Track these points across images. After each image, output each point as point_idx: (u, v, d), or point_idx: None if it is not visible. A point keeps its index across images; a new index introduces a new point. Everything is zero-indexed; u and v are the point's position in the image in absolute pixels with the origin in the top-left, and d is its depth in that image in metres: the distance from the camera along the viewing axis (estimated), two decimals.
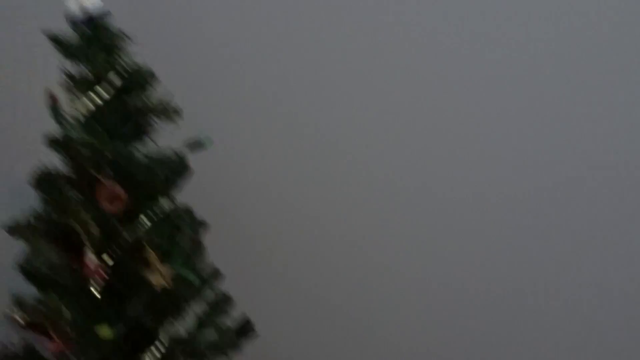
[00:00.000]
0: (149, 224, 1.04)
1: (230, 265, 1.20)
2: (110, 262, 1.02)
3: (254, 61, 1.38)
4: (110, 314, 1.00)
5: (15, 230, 1.06)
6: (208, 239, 1.15)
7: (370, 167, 1.38)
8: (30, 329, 1.07)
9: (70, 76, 1.02)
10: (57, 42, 1.00)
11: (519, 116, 1.30)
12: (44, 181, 1.08)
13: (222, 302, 1.16)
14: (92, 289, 1.01)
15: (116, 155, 1.01)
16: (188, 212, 1.10)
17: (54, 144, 1.04)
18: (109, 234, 1.03)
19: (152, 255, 1.01)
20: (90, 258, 1.01)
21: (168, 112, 1.04)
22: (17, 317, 1.04)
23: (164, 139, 1.08)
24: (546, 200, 1.31)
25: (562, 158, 1.29)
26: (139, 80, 1.01)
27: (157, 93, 1.05)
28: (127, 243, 1.03)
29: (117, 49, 1.01)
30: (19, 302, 1.06)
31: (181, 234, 1.07)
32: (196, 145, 1.07)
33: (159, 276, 1.01)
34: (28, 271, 1.03)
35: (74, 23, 0.99)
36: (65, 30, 1.00)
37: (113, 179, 1.02)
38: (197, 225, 1.12)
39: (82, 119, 1.00)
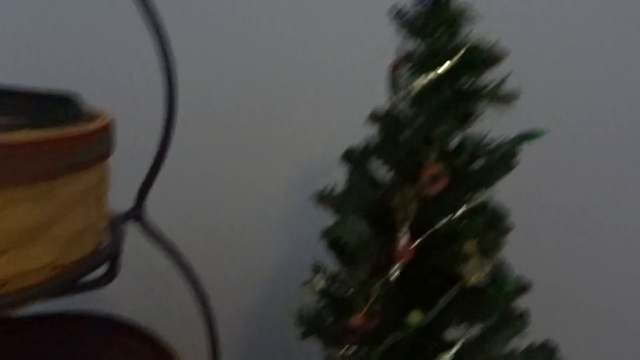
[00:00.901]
0: (465, 214, 0.96)
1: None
2: (422, 249, 0.96)
3: None
4: (419, 302, 0.94)
5: (324, 199, 1.07)
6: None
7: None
8: (326, 299, 1.08)
9: (408, 52, 0.98)
10: (402, 17, 0.97)
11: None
12: (358, 155, 1.08)
13: (519, 319, 1.02)
14: (399, 272, 0.96)
15: (444, 136, 0.94)
16: (499, 209, 0.99)
17: (378, 118, 1.03)
18: (425, 218, 0.97)
19: (472, 248, 0.93)
20: (402, 240, 0.96)
21: (504, 97, 0.94)
22: (316, 284, 1.05)
23: (490, 125, 0.98)
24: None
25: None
26: (480, 59, 0.92)
27: (495, 75, 0.95)
28: (444, 231, 0.96)
29: (459, 24, 0.94)
30: (320, 269, 1.07)
31: (498, 231, 0.96)
32: (528, 137, 0.96)
33: (473, 272, 0.92)
34: (334, 242, 1.01)
35: None
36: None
37: (436, 160, 0.95)
38: (506, 224, 1.00)
39: (413, 95, 0.95)
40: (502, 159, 0.96)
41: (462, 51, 0.92)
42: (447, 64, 0.93)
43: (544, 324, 1.08)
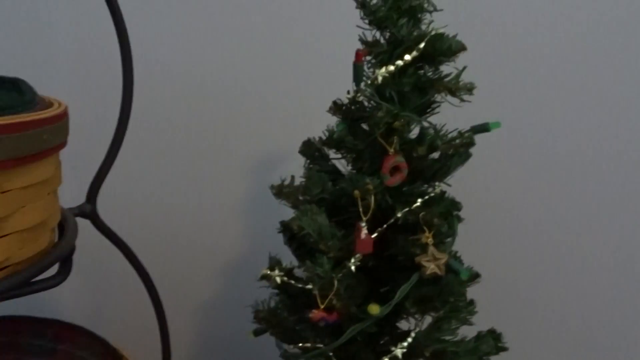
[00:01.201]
0: (423, 205, 0.97)
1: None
2: (381, 241, 0.96)
3: None
4: (376, 293, 0.94)
5: (282, 191, 1.05)
6: None
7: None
8: (285, 292, 1.06)
9: (369, 42, 0.97)
10: (364, 6, 0.95)
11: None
12: (317, 146, 1.07)
13: (467, 307, 1.05)
14: (359, 264, 0.95)
15: (405, 127, 0.94)
16: (454, 201, 1.01)
17: (340, 108, 1.01)
18: (385, 210, 0.97)
19: (429, 240, 0.93)
20: (362, 233, 0.95)
21: (463, 88, 0.95)
22: (274, 277, 1.02)
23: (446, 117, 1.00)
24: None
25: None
26: (441, 50, 0.93)
27: (452, 66, 0.96)
28: (403, 222, 0.96)
29: (420, 14, 0.94)
30: (277, 263, 1.05)
31: (454, 221, 0.98)
32: (482, 128, 0.98)
33: (432, 263, 0.93)
34: (295, 234, 0.99)
35: None
36: None
37: (396, 151, 0.95)
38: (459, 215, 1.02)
39: (376, 85, 0.95)
40: (458, 149, 0.97)
41: (425, 42, 0.92)
42: (410, 54, 0.93)
43: (489, 313, 1.12)
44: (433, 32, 0.93)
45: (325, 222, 0.97)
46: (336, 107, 1.02)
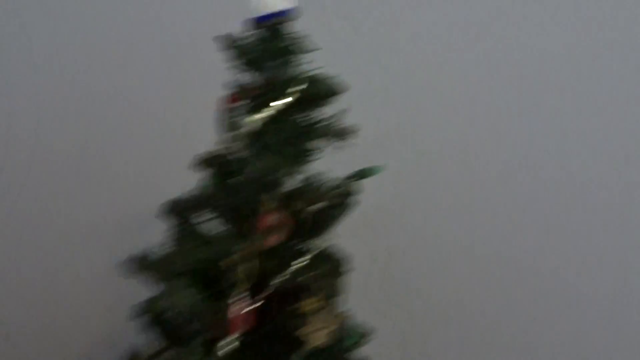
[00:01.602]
0: (304, 267, 0.86)
1: None
2: (264, 311, 0.83)
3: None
4: None
5: (144, 265, 0.86)
6: None
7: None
8: None
9: (242, 86, 0.85)
10: (236, 47, 0.83)
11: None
12: (183, 207, 0.90)
13: None
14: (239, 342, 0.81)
15: (283, 179, 0.83)
16: (339, 255, 0.92)
17: (207, 162, 0.86)
18: (265, 275, 0.84)
19: (313, 306, 0.83)
20: (240, 306, 0.81)
21: (343, 133, 0.87)
22: None
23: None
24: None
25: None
26: (320, 94, 0.84)
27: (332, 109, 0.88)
28: (284, 289, 0.84)
29: (296, 56, 0.84)
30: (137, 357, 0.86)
31: (338, 279, 0.89)
32: (365, 174, 0.90)
33: (316, 332, 0.82)
34: (159, 315, 0.82)
35: (256, 23, 0.82)
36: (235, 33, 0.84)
37: (275, 207, 0.84)
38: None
39: (249, 133, 0.82)
40: (340, 200, 0.88)
41: (304, 84, 0.82)
42: (288, 97, 0.82)
43: None
44: (310, 74, 0.84)
45: (196, 298, 0.81)
46: (203, 161, 0.87)
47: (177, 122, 1.19)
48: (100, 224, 1.21)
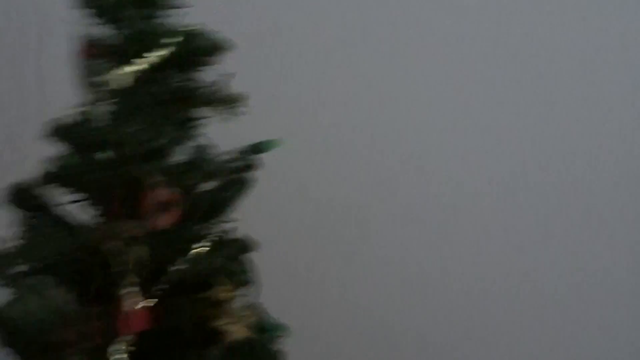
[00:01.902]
0: (206, 249, 0.72)
1: None
2: (161, 306, 0.66)
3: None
4: None
5: None
6: None
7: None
8: None
9: (97, 42, 0.71)
10: None
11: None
12: (34, 188, 0.72)
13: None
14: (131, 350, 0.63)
15: (167, 148, 0.69)
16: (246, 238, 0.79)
17: (64, 129, 0.69)
18: (157, 263, 0.68)
19: (229, 294, 0.68)
20: (128, 302, 0.64)
21: (231, 100, 0.76)
22: None
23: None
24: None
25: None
26: (200, 50, 0.73)
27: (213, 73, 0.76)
28: (186, 277, 0.68)
29: (162, 7, 0.73)
30: None
31: (249, 263, 0.75)
32: (260, 148, 0.79)
33: (239, 324, 0.67)
34: (7, 327, 0.61)
35: None
36: None
37: (162, 182, 0.69)
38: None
39: (114, 93, 0.68)
40: (240, 174, 0.76)
41: (179, 37, 0.70)
42: (160, 52, 0.70)
43: None
44: (186, 27, 0.73)
45: (65, 299, 0.62)
46: (58, 130, 0.70)
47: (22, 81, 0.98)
48: None
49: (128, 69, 0.67)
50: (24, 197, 0.69)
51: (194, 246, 0.71)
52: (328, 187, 1.18)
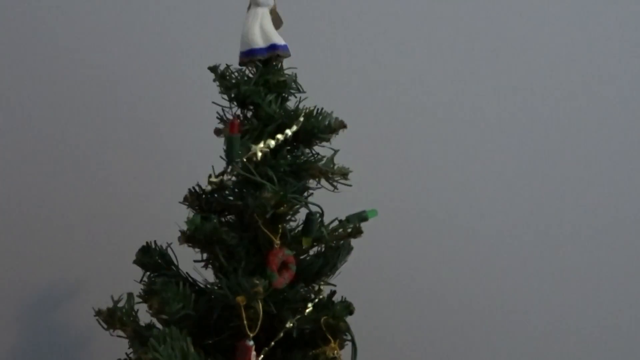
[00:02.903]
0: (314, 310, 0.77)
1: None
2: None
3: None
4: None
5: (114, 318, 0.72)
6: None
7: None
8: None
9: (242, 121, 0.79)
10: (224, 78, 0.79)
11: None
12: (160, 251, 0.79)
13: None
14: None
15: (289, 212, 0.76)
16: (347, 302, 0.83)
17: (197, 196, 0.77)
18: (268, 321, 0.72)
19: (336, 352, 0.72)
20: (252, 354, 0.69)
21: (337, 173, 0.83)
22: None
23: None
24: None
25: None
26: (319, 127, 0.81)
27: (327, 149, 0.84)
28: (298, 334, 0.73)
29: (288, 90, 0.82)
30: None
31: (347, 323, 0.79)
32: (365, 216, 0.85)
33: None
34: None
35: (251, 54, 0.79)
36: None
37: (282, 244, 0.75)
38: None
39: (255, 162, 0.76)
40: (344, 241, 0.82)
41: (301, 118, 0.79)
42: (285, 131, 0.78)
43: None
44: (307, 109, 0.81)
45: (191, 349, 0.68)
46: (192, 197, 0.78)
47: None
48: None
49: (260, 145, 0.75)
50: (148, 258, 0.76)
51: (304, 305, 0.76)
52: None
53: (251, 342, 0.69)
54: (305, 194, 0.80)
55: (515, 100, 1.25)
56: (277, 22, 0.81)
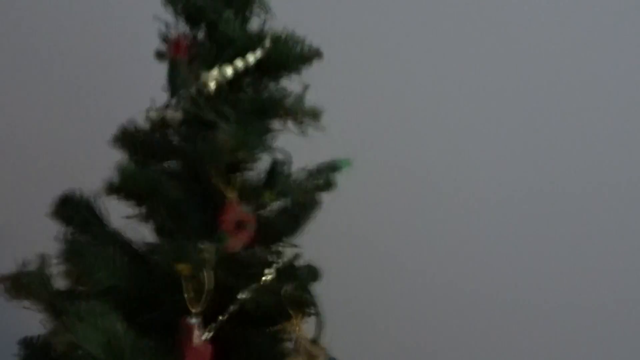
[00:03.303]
0: (274, 276, 0.64)
1: None
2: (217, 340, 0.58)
3: None
4: None
5: (20, 285, 0.57)
6: None
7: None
8: None
9: (187, 42, 0.62)
10: None
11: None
12: (85, 203, 0.63)
13: None
14: None
15: (251, 158, 0.62)
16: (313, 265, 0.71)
17: (132, 138, 0.61)
18: (225, 292, 0.59)
19: (298, 328, 0.60)
20: (196, 334, 0.56)
21: (307, 113, 0.68)
22: None
23: None
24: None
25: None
26: (290, 55, 0.65)
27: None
28: (254, 307, 0.60)
29: (251, 7, 0.65)
30: None
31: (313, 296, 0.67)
32: (338, 166, 0.71)
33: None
34: (58, 357, 0.53)
35: None
36: None
37: (238, 198, 0.61)
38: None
39: (207, 93, 0.60)
40: (314, 194, 0.68)
41: (266, 43, 0.63)
42: (249, 57, 0.62)
43: None
44: (275, 32, 0.65)
45: (121, 328, 0.54)
46: (125, 137, 0.61)
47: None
48: None
49: (214, 73, 0.59)
50: (71, 211, 0.60)
51: (260, 272, 0.63)
52: None
53: (194, 320, 0.55)
54: (269, 137, 0.65)
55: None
56: None
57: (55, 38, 0.98)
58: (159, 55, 0.61)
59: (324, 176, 0.68)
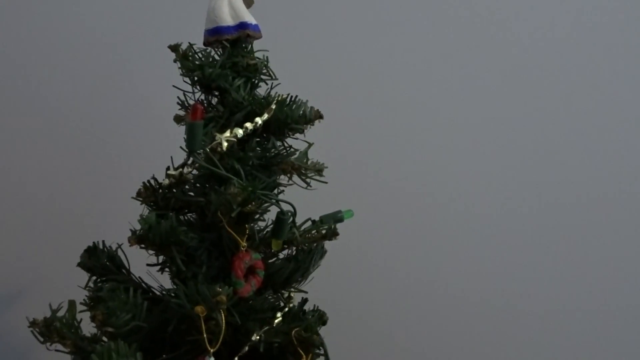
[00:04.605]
0: (281, 319, 0.68)
1: None
2: None
3: None
4: None
5: (51, 329, 0.62)
6: None
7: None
8: None
9: (205, 107, 0.70)
10: (186, 58, 0.69)
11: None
12: (109, 253, 0.69)
13: None
14: None
15: (258, 209, 0.67)
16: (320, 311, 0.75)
17: (153, 191, 0.68)
18: (232, 333, 0.64)
19: None
20: None
21: (311, 168, 0.74)
22: None
23: None
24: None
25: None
26: (293, 117, 0.72)
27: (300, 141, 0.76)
28: (266, 348, 0.64)
29: (259, 75, 0.73)
30: None
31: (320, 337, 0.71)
32: (341, 217, 0.77)
33: None
34: None
35: (218, 33, 0.70)
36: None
37: (249, 247, 0.67)
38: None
39: (220, 152, 0.67)
40: (318, 243, 0.74)
41: (273, 106, 0.70)
42: (255, 120, 0.69)
43: None
44: (280, 96, 0.73)
45: None
46: (147, 192, 0.68)
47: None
48: None
49: (227, 134, 0.66)
50: (95, 261, 0.66)
51: (272, 315, 0.68)
52: None
53: (212, 359, 0.59)
54: (276, 191, 0.72)
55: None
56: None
57: (83, 110, 1.07)
58: (178, 119, 0.69)
59: (328, 226, 0.74)
